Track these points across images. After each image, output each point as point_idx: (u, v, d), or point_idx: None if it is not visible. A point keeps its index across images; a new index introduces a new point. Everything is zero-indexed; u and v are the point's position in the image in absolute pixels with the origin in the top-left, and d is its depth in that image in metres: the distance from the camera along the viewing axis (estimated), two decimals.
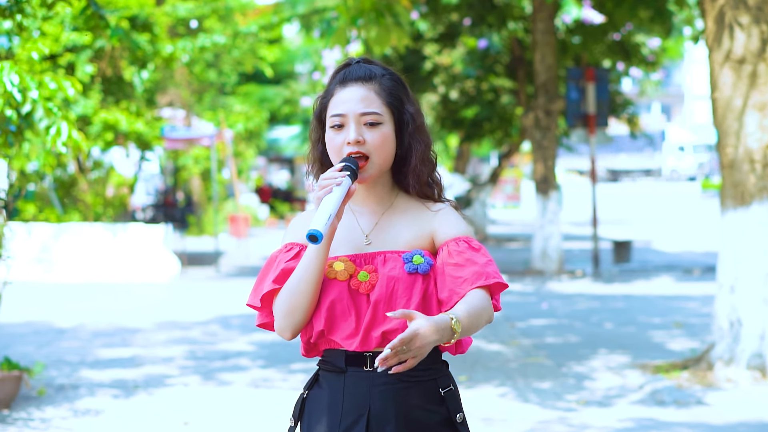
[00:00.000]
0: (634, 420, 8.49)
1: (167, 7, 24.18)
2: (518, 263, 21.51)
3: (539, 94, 19.55)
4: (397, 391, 3.31)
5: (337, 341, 3.33)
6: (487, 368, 10.64)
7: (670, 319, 13.85)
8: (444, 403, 3.37)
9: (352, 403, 3.32)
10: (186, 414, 8.80)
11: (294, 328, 3.34)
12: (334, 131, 3.37)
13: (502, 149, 31.41)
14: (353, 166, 3.28)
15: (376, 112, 3.35)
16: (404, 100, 3.43)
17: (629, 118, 27.10)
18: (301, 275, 3.29)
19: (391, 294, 3.29)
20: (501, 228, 34.19)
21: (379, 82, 3.39)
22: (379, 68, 3.43)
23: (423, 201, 3.45)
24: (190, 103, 30.59)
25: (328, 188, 3.22)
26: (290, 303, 3.31)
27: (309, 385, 3.45)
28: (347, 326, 3.32)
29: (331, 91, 3.41)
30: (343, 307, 3.31)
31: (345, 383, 3.34)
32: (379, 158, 3.35)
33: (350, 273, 3.32)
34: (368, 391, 3.32)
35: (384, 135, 3.35)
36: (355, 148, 3.32)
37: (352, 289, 3.32)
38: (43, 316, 14.62)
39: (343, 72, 3.42)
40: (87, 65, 19.04)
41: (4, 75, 7.53)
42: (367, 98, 3.36)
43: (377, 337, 3.29)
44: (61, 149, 8.17)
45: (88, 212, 20.86)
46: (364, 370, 3.33)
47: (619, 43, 23.14)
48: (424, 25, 23.29)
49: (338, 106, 3.36)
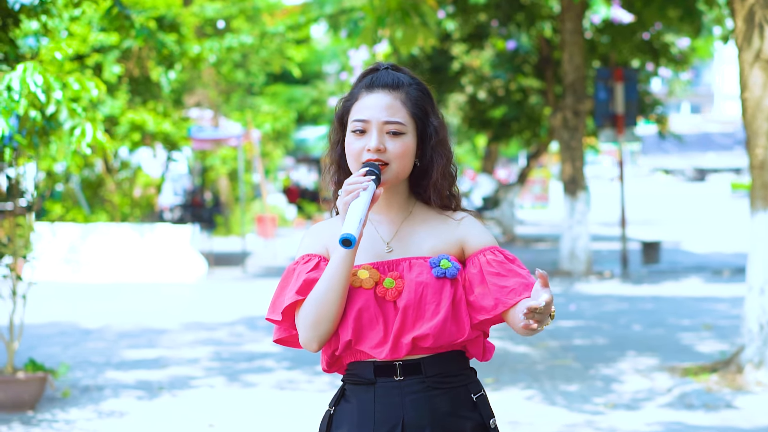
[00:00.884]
0: (663, 423, 8.39)
1: (195, 8, 24.20)
2: (546, 264, 21.40)
3: (567, 94, 19.44)
4: (430, 399, 3.26)
5: (366, 351, 3.26)
6: (514, 370, 10.56)
7: (699, 321, 13.73)
8: (477, 409, 3.32)
9: (384, 414, 3.26)
10: (211, 416, 8.76)
11: (321, 339, 3.26)
12: (355, 136, 3.31)
13: (531, 149, 31.31)
14: (377, 171, 3.23)
15: (400, 122, 3.29)
16: (429, 111, 3.37)
17: (658, 118, 26.95)
18: (327, 284, 3.21)
19: (420, 299, 3.23)
20: (529, 228, 34.07)
21: (406, 91, 3.33)
22: (407, 77, 3.37)
23: (442, 211, 3.41)
24: (217, 104, 30.62)
25: (355, 193, 3.16)
26: (317, 313, 3.23)
27: (335, 401, 3.37)
28: (375, 335, 3.25)
29: (355, 95, 3.35)
30: (370, 316, 3.25)
31: (375, 394, 3.27)
32: (398, 167, 3.29)
33: (375, 280, 3.25)
34: (400, 401, 3.25)
35: (405, 145, 3.29)
36: (375, 156, 3.26)
37: (378, 296, 3.25)
38: (69, 316, 14.63)
39: (371, 77, 3.36)
40: (114, 66, 19.07)
41: (27, 75, 7.50)
42: (393, 107, 3.30)
43: (407, 343, 3.23)
44: (85, 150, 8.14)
45: (115, 212, 20.88)
46: (394, 380, 3.26)
47: (648, 42, 23.00)
48: (452, 24, 23.21)
49: (362, 112, 3.30)
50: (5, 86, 7.57)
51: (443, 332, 3.23)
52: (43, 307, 15.06)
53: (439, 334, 3.23)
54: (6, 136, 7.86)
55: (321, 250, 3.33)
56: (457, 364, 3.30)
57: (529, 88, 27.23)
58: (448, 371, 3.27)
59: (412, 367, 3.26)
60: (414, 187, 3.40)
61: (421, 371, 3.26)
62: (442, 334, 3.23)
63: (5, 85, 7.58)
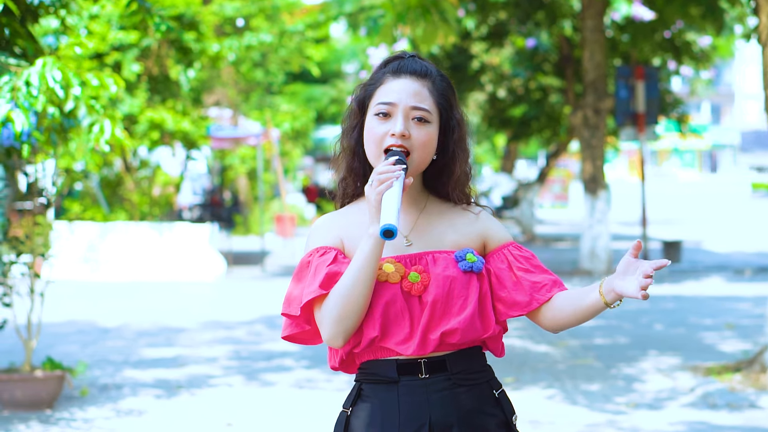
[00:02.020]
0: (686, 423, 8.30)
1: (214, 6, 24.17)
2: (566, 263, 21.30)
3: (588, 93, 19.33)
4: (456, 396, 3.17)
5: (391, 347, 3.16)
6: (534, 370, 10.48)
7: (722, 320, 13.62)
8: (499, 405, 3.24)
9: (410, 414, 3.15)
10: (229, 415, 8.70)
11: (346, 334, 3.14)
12: (378, 119, 3.20)
13: (550, 149, 31.20)
14: (404, 160, 3.12)
15: (427, 110, 3.20)
16: (453, 104, 3.29)
17: (679, 117, 26.82)
18: (355, 277, 3.08)
19: (448, 293, 3.14)
20: (549, 228, 33.96)
21: (433, 80, 3.25)
22: (434, 68, 3.29)
23: (455, 205, 3.32)
24: (236, 103, 30.60)
25: (389, 182, 3.05)
26: (343, 308, 3.10)
27: (352, 401, 3.24)
28: (401, 330, 3.14)
29: (380, 79, 3.25)
30: (397, 311, 3.14)
31: (399, 393, 3.17)
32: (420, 157, 3.19)
33: (401, 274, 3.15)
34: (426, 399, 3.16)
35: (430, 134, 3.20)
36: (399, 141, 3.16)
37: (404, 291, 3.15)
38: (88, 315, 14.60)
39: (398, 62, 3.27)
40: (133, 64, 19.05)
41: (46, 71, 7.45)
42: (420, 94, 3.20)
43: (435, 339, 3.14)
44: (104, 147, 8.08)
45: (134, 211, 20.86)
46: (419, 378, 3.16)
47: (670, 40, 22.87)
48: (472, 23, 23.12)
49: (389, 95, 3.20)
50: (24, 81, 7.52)
51: (471, 327, 3.16)
52: (61, 305, 15.04)
53: (467, 329, 3.15)
54: (24, 132, 7.81)
55: (335, 242, 3.22)
56: (478, 360, 3.23)
57: (549, 86, 27.13)
58: (471, 368, 3.20)
59: (438, 364, 3.17)
60: (429, 182, 3.31)
61: (447, 368, 3.17)
62: (469, 329, 3.15)
63: (24, 80, 7.52)
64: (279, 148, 27.74)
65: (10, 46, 8.38)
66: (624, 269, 3.04)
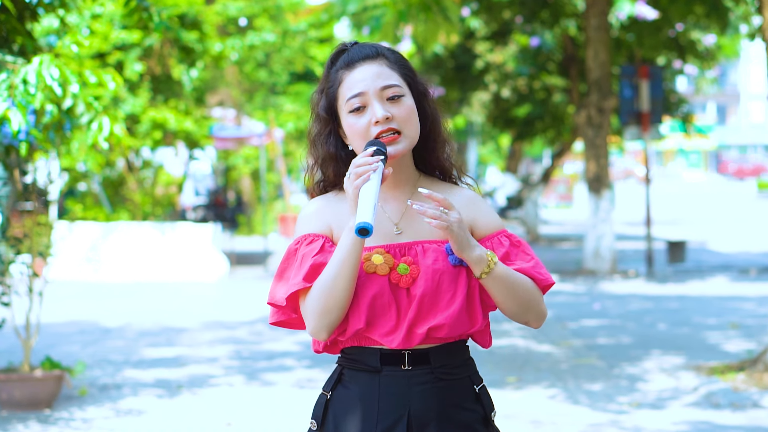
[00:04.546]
0: (689, 423, 8.24)
1: (218, 6, 24.13)
2: (570, 263, 21.25)
3: (592, 92, 19.27)
4: (437, 390, 3.12)
5: (375, 338, 3.11)
6: (537, 369, 10.42)
7: (726, 319, 13.55)
8: (479, 401, 3.19)
9: (389, 404, 3.11)
10: (229, 414, 8.65)
11: (330, 327, 3.10)
12: (354, 115, 3.13)
13: (554, 148, 31.15)
14: (383, 149, 3.06)
15: (396, 84, 3.13)
16: (414, 72, 3.23)
17: (684, 117, 26.75)
18: (336, 271, 3.04)
19: (437, 287, 3.08)
20: (553, 228, 33.90)
21: (387, 57, 3.19)
22: (381, 45, 3.24)
23: (445, 182, 3.27)
24: (240, 103, 30.56)
25: (366, 176, 2.99)
26: (326, 301, 3.06)
27: (332, 385, 3.22)
28: (387, 322, 3.09)
29: (337, 79, 3.18)
30: (383, 303, 3.09)
31: (380, 383, 3.13)
32: (411, 131, 3.13)
33: (390, 266, 3.09)
34: (407, 391, 3.11)
35: (410, 107, 3.14)
36: (385, 126, 3.10)
37: (392, 283, 3.10)
38: (89, 315, 14.56)
39: (346, 56, 3.20)
40: (136, 63, 19.01)
41: (43, 68, 7.40)
42: (383, 73, 3.14)
43: (422, 333, 3.08)
44: (103, 145, 8.03)
45: (136, 211, 20.82)
46: (401, 369, 3.12)
47: (674, 39, 22.80)
48: (476, 22, 23.07)
49: (354, 87, 3.13)
50: (21, 79, 7.47)
51: (458, 323, 3.10)
52: (63, 305, 15.02)
53: (454, 324, 3.09)
54: (22, 130, 7.76)
55: (324, 228, 3.17)
56: (461, 354, 3.18)
57: (553, 86, 27.06)
58: (453, 362, 3.14)
59: (421, 356, 3.11)
60: (418, 157, 3.25)
61: (429, 361, 3.12)
62: (456, 324, 3.10)
63: (21, 78, 7.47)
64: (283, 149, 27.68)
65: (9, 43, 8.34)
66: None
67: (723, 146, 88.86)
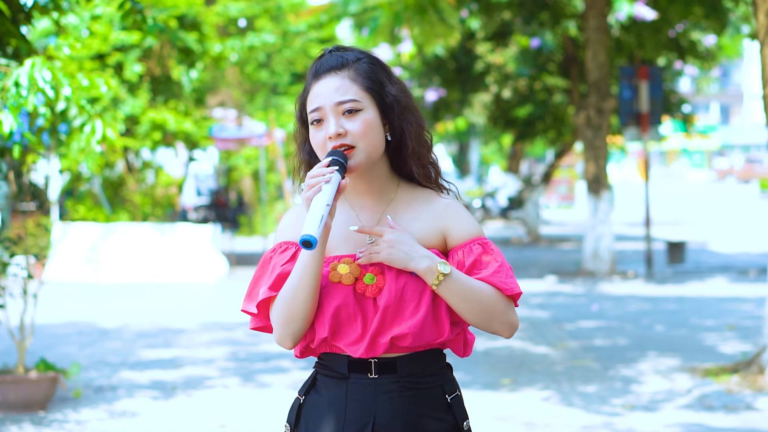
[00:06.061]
0: (681, 425, 8.25)
1: (219, 7, 24.15)
2: (569, 264, 21.25)
3: (591, 93, 19.27)
4: (403, 399, 3.13)
5: (341, 347, 3.14)
6: (532, 371, 10.43)
7: (723, 321, 13.55)
8: (451, 410, 3.19)
9: (355, 411, 3.13)
10: (223, 416, 8.66)
11: (294, 336, 3.13)
12: (314, 128, 3.16)
13: (556, 149, 31.14)
14: (341, 159, 3.07)
15: (352, 99, 3.13)
16: (384, 82, 3.20)
17: (684, 117, 26.72)
18: (297, 282, 3.08)
19: (401, 297, 3.09)
20: (554, 228, 33.88)
21: (354, 67, 3.17)
22: (354, 53, 3.22)
23: (426, 189, 3.25)
24: (241, 104, 30.57)
25: (317, 187, 3.01)
26: (288, 312, 3.10)
27: (306, 390, 3.24)
28: (353, 332, 3.11)
29: (308, 87, 3.21)
30: (348, 313, 3.11)
31: (347, 390, 3.15)
32: (367, 146, 3.12)
33: (356, 276, 3.11)
34: (373, 399, 3.13)
35: (366, 121, 3.13)
36: (337, 141, 3.11)
37: (357, 292, 3.11)
38: (88, 316, 14.56)
39: (317, 64, 3.21)
40: (135, 65, 19.02)
41: (35, 71, 7.41)
42: (342, 86, 3.14)
43: (385, 342, 3.09)
44: (95, 148, 8.05)
45: (136, 212, 20.84)
46: (368, 377, 3.14)
47: (675, 40, 22.78)
48: (476, 23, 23.06)
49: (313, 101, 3.16)
50: (13, 82, 7.48)
51: (423, 332, 3.10)
52: (62, 306, 15.03)
53: (419, 334, 3.09)
54: (14, 133, 7.78)
55: (297, 236, 3.17)
56: (433, 363, 3.17)
57: (554, 87, 27.05)
58: (424, 371, 3.15)
59: (387, 365, 3.13)
60: (395, 165, 3.24)
61: (396, 370, 3.13)
62: (421, 334, 3.10)
63: (13, 81, 7.48)
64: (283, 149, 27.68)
65: (3, 46, 8.36)
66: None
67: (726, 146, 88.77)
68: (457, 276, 3.06)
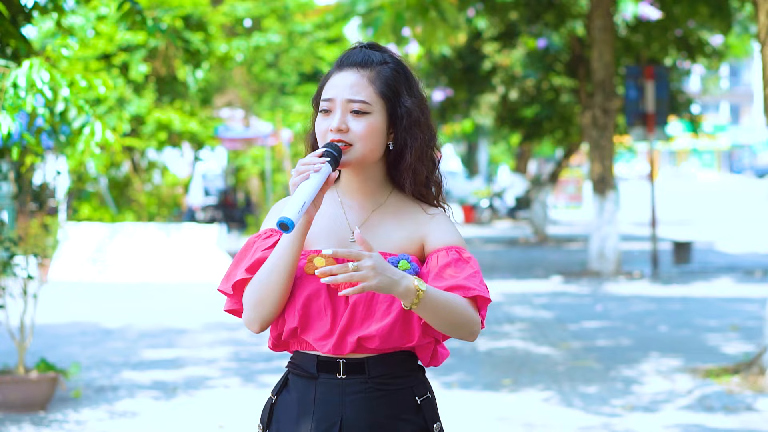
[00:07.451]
0: (681, 426, 8.23)
1: (225, 7, 24.17)
2: (575, 264, 21.22)
3: (597, 93, 19.25)
4: (371, 401, 3.14)
5: (310, 341, 3.14)
6: (533, 371, 10.41)
7: (727, 321, 13.52)
8: (420, 413, 3.19)
9: (323, 412, 3.15)
10: (222, 416, 8.66)
11: (262, 320, 3.14)
12: (321, 116, 3.17)
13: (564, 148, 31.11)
14: (335, 152, 3.08)
15: (363, 101, 3.13)
16: (401, 92, 3.18)
17: (692, 118, 26.68)
18: (272, 266, 3.09)
19: (371, 297, 3.10)
20: (562, 229, 33.85)
21: (377, 69, 3.16)
22: (383, 55, 3.20)
23: (419, 202, 3.25)
24: (249, 104, 30.60)
25: (305, 174, 3.02)
26: (259, 294, 3.11)
27: (278, 390, 3.26)
28: (322, 326, 3.12)
29: (329, 75, 3.22)
30: (319, 306, 3.12)
31: (316, 390, 3.16)
32: (363, 148, 3.13)
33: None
34: (340, 400, 3.14)
35: (371, 125, 3.13)
36: (337, 136, 3.12)
37: (330, 287, 3.11)
38: (91, 316, 14.58)
39: (345, 55, 3.22)
40: (141, 65, 19.05)
41: (33, 72, 7.41)
42: (358, 85, 3.14)
43: (353, 342, 3.10)
44: (94, 150, 8.05)
45: (142, 212, 20.87)
46: (336, 377, 3.15)
47: (682, 39, 22.74)
48: (483, 23, 23.04)
49: (328, 91, 3.17)
50: (11, 83, 7.48)
51: (391, 336, 3.10)
52: (66, 306, 15.05)
53: (387, 337, 3.09)
54: (13, 133, 7.78)
55: None
56: (403, 365, 3.17)
57: (561, 87, 27.03)
58: (394, 372, 3.15)
59: (356, 366, 3.14)
60: (391, 173, 3.24)
61: (365, 371, 3.14)
62: (389, 337, 3.10)
63: (11, 82, 7.48)
64: (290, 149, 27.69)
65: (2, 47, 8.37)
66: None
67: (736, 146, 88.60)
68: (432, 294, 3.00)
